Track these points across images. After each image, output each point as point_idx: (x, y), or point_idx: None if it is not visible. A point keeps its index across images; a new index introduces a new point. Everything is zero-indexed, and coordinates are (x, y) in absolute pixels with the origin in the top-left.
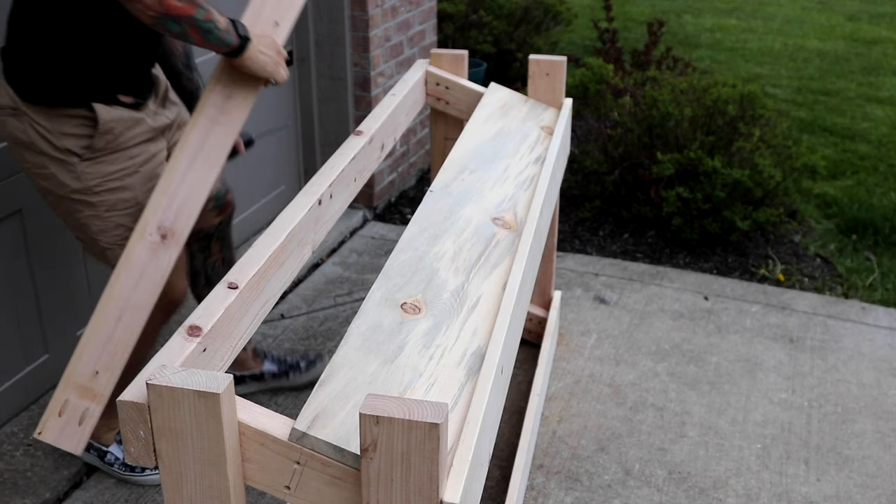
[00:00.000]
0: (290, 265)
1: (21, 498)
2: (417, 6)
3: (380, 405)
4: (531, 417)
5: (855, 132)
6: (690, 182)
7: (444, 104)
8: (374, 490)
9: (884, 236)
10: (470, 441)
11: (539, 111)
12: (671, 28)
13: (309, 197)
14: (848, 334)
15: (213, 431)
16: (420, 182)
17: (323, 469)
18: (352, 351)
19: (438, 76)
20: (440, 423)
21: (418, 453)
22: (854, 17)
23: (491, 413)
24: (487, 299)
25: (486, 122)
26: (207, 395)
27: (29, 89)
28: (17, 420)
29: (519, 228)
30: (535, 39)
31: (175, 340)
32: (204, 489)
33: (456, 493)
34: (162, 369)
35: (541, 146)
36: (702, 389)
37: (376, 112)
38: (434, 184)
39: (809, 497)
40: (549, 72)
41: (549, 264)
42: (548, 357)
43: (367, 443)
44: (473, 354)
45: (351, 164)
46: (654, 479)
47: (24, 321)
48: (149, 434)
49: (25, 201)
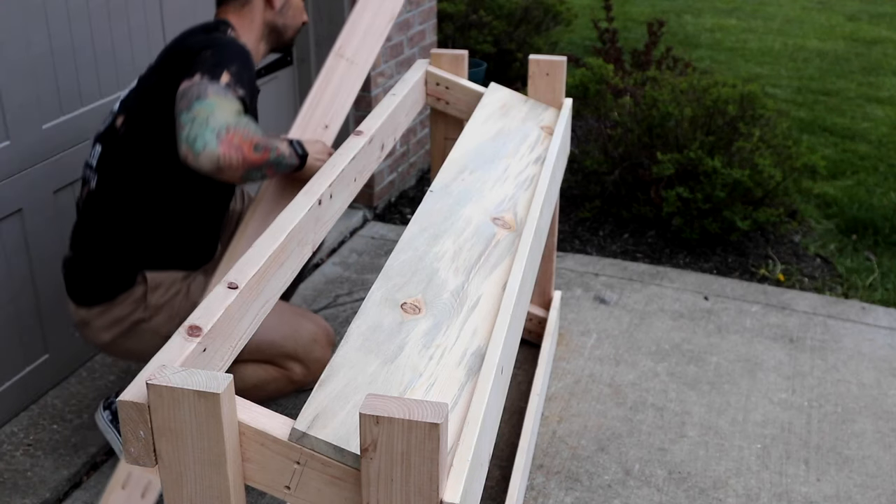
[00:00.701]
0: (290, 265)
1: (21, 498)
2: (417, 6)
3: (380, 405)
4: (531, 417)
5: (855, 132)
6: (690, 182)
7: (444, 104)
8: (374, 490)
9: (884, 236)
10: (470, 441)
11: (539, 111)
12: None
13: (309, 197)
14: (848, 334)
15: (213, 431)
16: (420, 182)
17: (323, 469)
18: (352, 351)
19: (438, 76)
20: (440, 423)
21: (418, 453)
22: (854, 17)
23: (491, 413)
24: (487, 299)
25: (486, 122)
26: (207, 395)
27: (91, 294)
28: (17, 420)
29: (519, 228)
30: (535, 39)
31: (175, 340)
32: (204, 489)
33: (456, 493)
34: (162, 369)
35: (541, 146)
36: (702, 389)
37: (376, 112)
38: (434, 184)
39: (809, 497)
40: (549, 72)
41: (549, 264)
42: (548, 357)
43: (367, 443)
44: (473, 354)
45: (351, 164)
46: (654, 479)
47: (24, 321)
48: (149, 434)
49: (25, 201)
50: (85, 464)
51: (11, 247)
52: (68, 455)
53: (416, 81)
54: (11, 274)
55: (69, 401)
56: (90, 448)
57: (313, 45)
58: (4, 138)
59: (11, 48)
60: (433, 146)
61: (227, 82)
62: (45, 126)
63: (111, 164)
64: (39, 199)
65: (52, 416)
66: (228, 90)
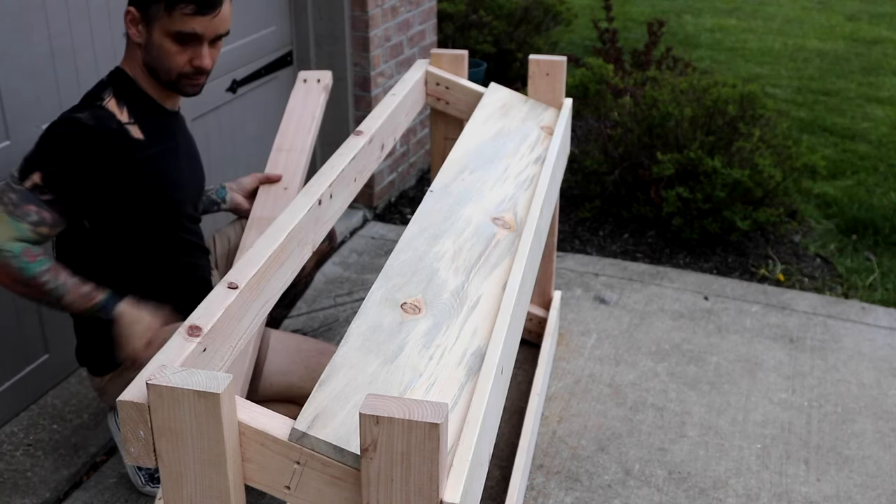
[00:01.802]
0: (290, 265)
1: (21, 498)
2: (417, 6)
3: (380, 405)
4: (531, 417)
5: (855, 132)
6: (690, 182)
7: (444, 104)
8: (374, 490)
9: (884, 236)
10: (470, 441)
11: (539, 111)
12: (671, 28)
13: (309, 197)
14: (848, 334)
15: (213, 431)
16: (420, 182)
17: (323, 469)
18: (352, 351)
19: (438, 76)
20: (440, 423)
21: (418, 453)
22: (854, 17)
23: (491, 413)
24: (487, 299)
25: (486, 122)
26: (207, 395)
27: (98, 364)
28: (17, 420)
29: (519, 228)
30: (535, 39)
31: (175, 340)
32: (204, 489)
33: (456, 493)
34: (162, 369)
35: (541, 146)
36: (702, 389)
37: (376, 112)
38: (434, 184)
39: (809, 497)
40: (550, 72)
41: (549, 264)
42: (548, 357)
43: (367, 443)
44: (473, 354)
45: (351, 164)
46: (654, 479)
47: (24, 321)
48: (149, 434)
49: None
50: (85, 464)
51: None
52: (68, 455)
53: (416, 81)
54: None
55: (69, 401)
56: (90, 448)
57: (313, 44)
58: (4, 138)
59: (11, 48)
60: (433, 146)
61: (31, 185)
62: (45, 126)
63: (63, 234)
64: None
65: (52, 416)
66: (22, 204)
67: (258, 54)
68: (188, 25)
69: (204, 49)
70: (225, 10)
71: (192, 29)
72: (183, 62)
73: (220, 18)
